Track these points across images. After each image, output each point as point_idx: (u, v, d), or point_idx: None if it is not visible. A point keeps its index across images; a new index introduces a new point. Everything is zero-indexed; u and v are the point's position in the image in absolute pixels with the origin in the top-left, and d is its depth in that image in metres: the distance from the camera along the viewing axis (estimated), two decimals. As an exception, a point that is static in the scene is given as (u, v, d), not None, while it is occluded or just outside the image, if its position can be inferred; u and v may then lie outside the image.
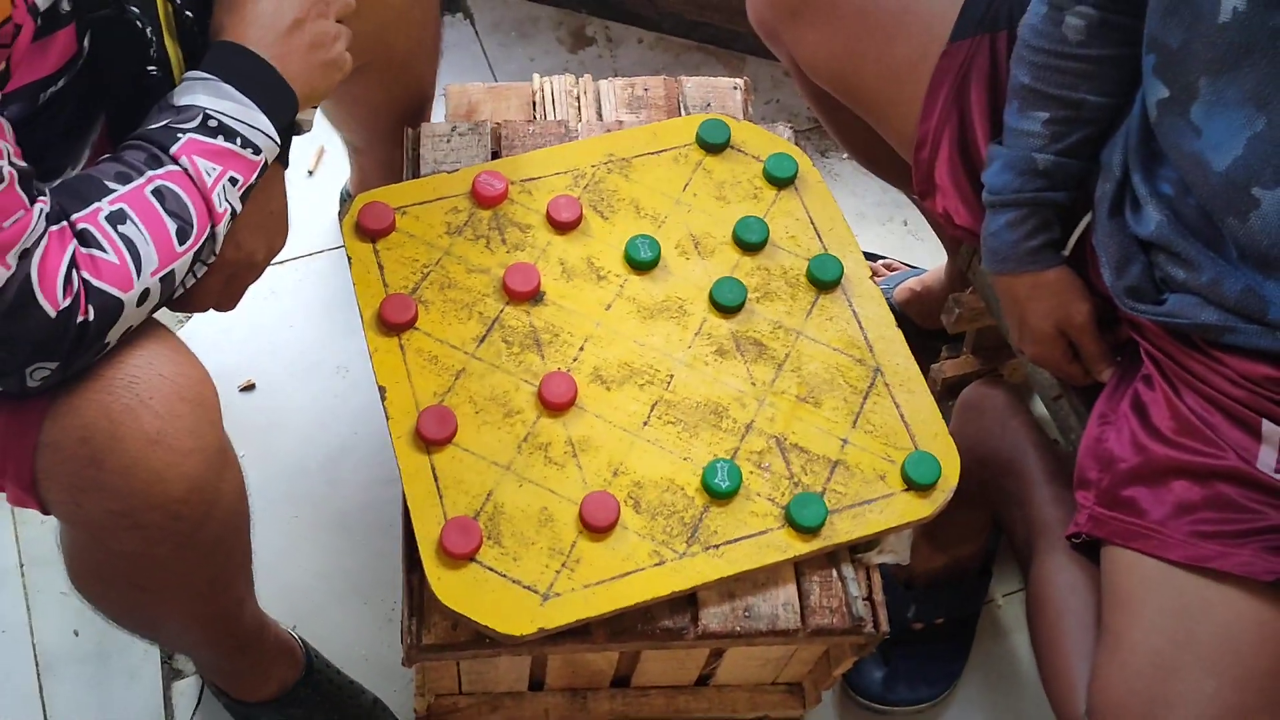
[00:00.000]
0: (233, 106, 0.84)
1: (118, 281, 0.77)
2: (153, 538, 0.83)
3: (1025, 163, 1.00)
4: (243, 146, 0.84)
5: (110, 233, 0.77)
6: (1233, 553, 0.89)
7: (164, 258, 0.79)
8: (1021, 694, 1.30)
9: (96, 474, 0.79)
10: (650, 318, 1.05)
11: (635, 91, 1.23)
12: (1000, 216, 1.02)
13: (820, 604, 0.96)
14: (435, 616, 0.94)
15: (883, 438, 1.01)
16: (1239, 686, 0.86)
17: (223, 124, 0.83)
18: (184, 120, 0.82)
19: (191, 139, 0.82)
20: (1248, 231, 0.89)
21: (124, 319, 0.78)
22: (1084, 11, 0.95)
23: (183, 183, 0.81)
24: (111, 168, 0.80)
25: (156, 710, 1.22)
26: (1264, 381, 0.92)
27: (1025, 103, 1.00)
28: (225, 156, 0.83)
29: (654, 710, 1.20)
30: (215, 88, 0.84)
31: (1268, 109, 0.84)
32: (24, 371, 0.75)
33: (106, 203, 0.78)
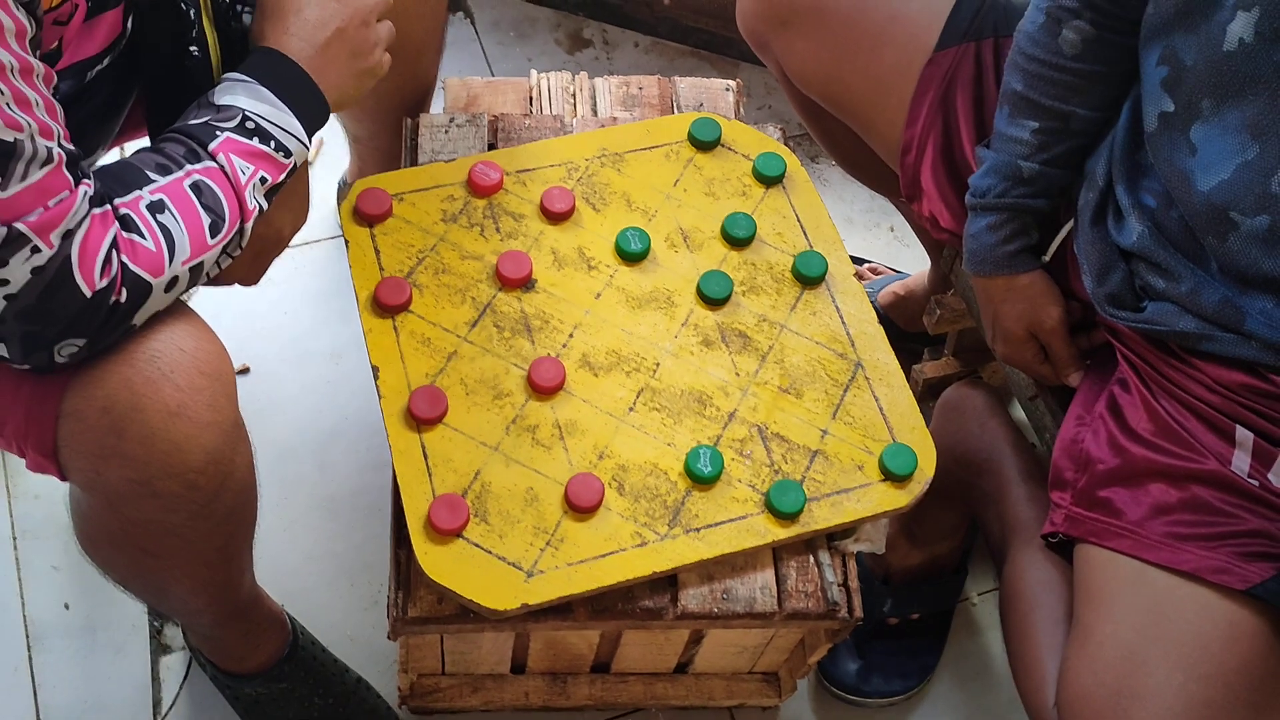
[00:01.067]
0: (269, 110, 0.87)
1: (151, 267, 0.80)
2: (169, 506, 0.85)
3: (1010, 169, 1.03)
4: (275, 149, 0.87)
5: (150, 220, 0.80)
6: (1208, 557, 0.91)
7: (196, 248, 0.82)
8: (993, 690, 1.32)
9: (117, 443, 0.81)
10: (639, 307, 1.07)
11: (630, 90, 1.26)
12: (981, 219, 1.05)
13: (797, 588, 0.99)
14: (421, 590, 0.96)
15: (861, 429, 1.03)
16: (1206, 682, 0.88)
17: (259, 126, 0.86)
18: (223, 119, 0.86)
19: (229, 138, 0.85)
20: (1225, 251, 0.91)
21: (151, 303, 0.81)
22: (1080, 27, 0.97)
23: (219, 179, 0.84)
24: (152, 159, 0.83)
25: (144, 683, 1.24)
26: (1239, 389, 0.95)
27: (1016, 110, 1.02)
28: (258, 157, 0.86)
29: (632, 696, 1.22)
30: (255, 91, 0.87)
31: (1262, 140, 0.86)
32: (53, 348, 0.78)
33: (148, 191, 0.81)
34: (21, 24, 0.69)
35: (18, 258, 0.72)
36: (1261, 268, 0.90)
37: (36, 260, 0.73)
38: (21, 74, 0.70)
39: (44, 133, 0.71)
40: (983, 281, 1.08)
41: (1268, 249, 0.89)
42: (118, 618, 1.27)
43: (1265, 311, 0.92)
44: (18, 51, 0.69)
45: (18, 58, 0.69)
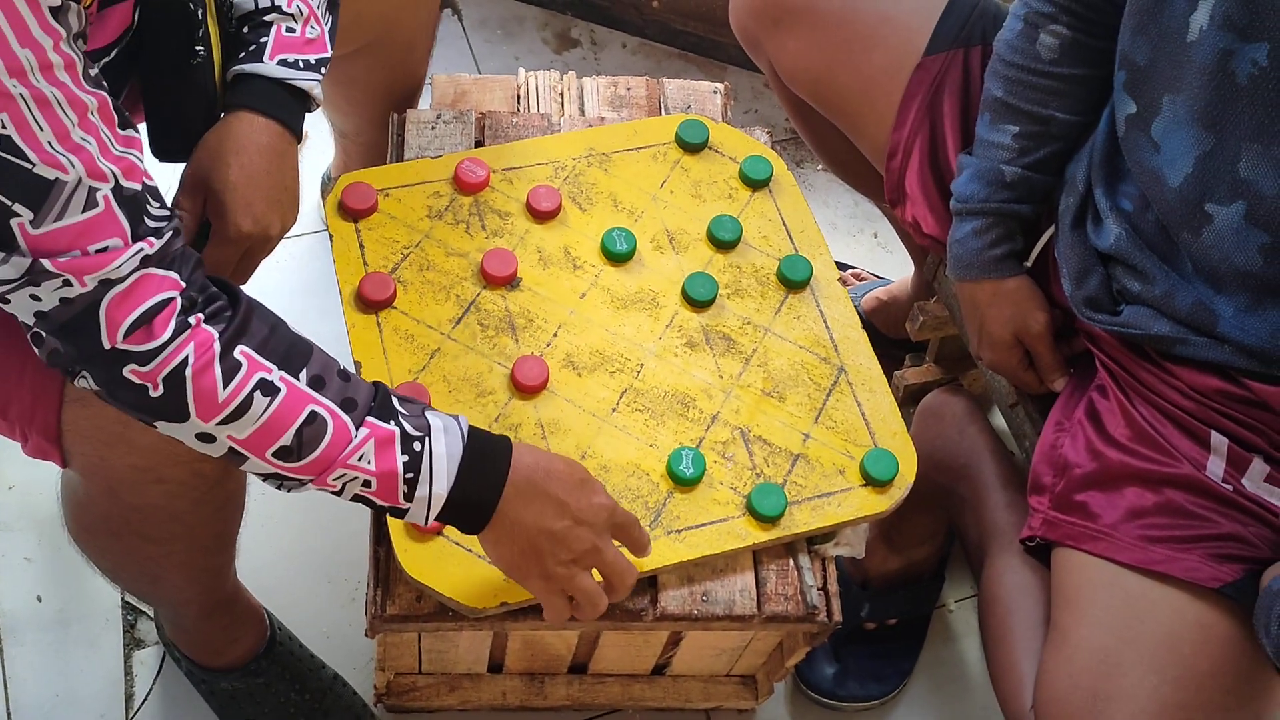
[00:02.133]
0: (441, 461, 0.79)
1: (202, 406, 0.73)
2: (173, 492, 0.85)
3: (993, 174, 1.03)
4: (405, 482, 0.79)
5: (247, 387, 0.74)
6: (1180, 558, 0.92)
7: (250, 443, 0.76)
8: (968, 696, 1.33)
9: (124, 430, 0.80)
10: (623, 308, 1.07)
11: (618, 90, 1.26)
12: (966, 224, 1.06)
13: (776, 591, 0.99)
14: (400, 588, 0.95)
15: (843, 434, 1.04)
16: (1179, 685, 0.89)
17: (418, 456, 0.79)
18: (408, 416, 0.80)
19: (389, 433, 0.78)
20: (1200, 246, 0.92)
21: (176, 430, 0.75)
22: (1057, 31, 0.99)
23: (335, 436, 0.77)
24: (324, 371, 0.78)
25: (117, 678, 1.23)
26: (1213, 394, 0.96)
27: (996, 115, 1.03)
28: (386, 472, 0.78)
29: (609, 697, 1.22)
30: (455, 445, 0.80)
31: (1216, 129, 0.88)
32: (72, 370, 0.74)
33: (279, 376, 0.76)
34: (71, 58, 0.66)
35: (48, 285, 0.68)
36: (1234, 262, 0.91)
37: (66, 292, 0.69)
38: (72, 108, 0.66)
39: (93, 175, 0.67)
40: (968, 287, 1.08)
41: (1240, 240, 0.90)
42: (91, 611, 1.26)
43: (1237, 315, 0.93)
44: (68, 85, 0.66)
45: (66, 92, 0.65)
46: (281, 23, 0.92)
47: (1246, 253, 0.90)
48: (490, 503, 0.81)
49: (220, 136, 0.90)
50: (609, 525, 0.86)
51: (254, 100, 0.91)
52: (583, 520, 0.84)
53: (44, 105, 0.64)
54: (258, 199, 0.89)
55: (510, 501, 0.82)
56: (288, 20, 0.92)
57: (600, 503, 0.85)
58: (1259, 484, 0.94)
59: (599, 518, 0.85)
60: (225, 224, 0.88)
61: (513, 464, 0.82)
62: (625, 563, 0.87)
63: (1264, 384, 0.94)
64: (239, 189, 0.88)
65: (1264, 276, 0.91)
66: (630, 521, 0.88)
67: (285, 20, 0.92)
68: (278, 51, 0.91)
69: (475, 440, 0.82)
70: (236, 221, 0.88)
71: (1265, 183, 0.87)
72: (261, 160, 0.90)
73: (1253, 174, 0.87)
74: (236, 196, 0.88)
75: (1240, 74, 0.85)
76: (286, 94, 0.92)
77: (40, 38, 0.63)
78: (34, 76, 0.63)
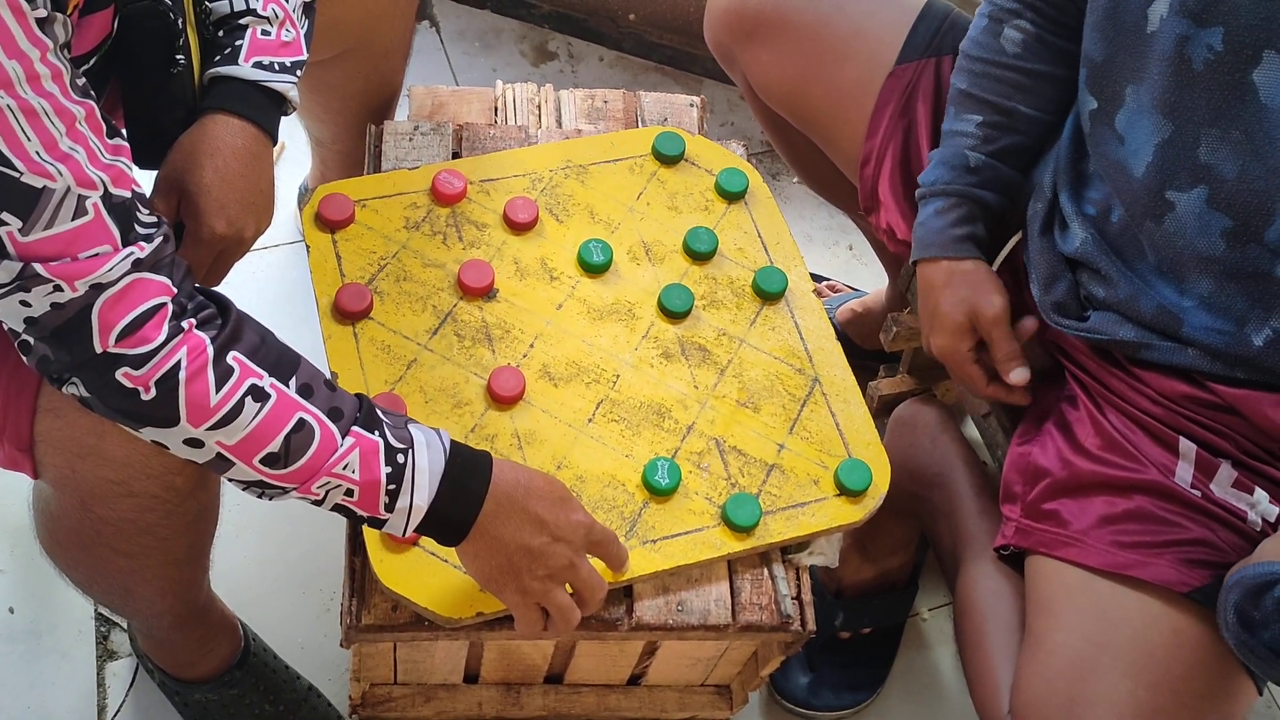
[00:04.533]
0: (424, 475, 0.80)
1: (193, 412, 0.73)
2: (145, 505, 0.85)
3: (957, 158, 1.04)
4: (387, 493, 0.80)
5: (239, 392, 0.75)
6: (1151, 563, 0.93)
7: (238, 449, 0.76)
8: (942, 704, 1.34)
9: (98, 442, 0.80)
10: (600, 319, 1.08)
11: (595, 103, 1.26)
12: (929, 205, 1.06)
13: (751, 601, 1.00)
14: (375, 598, 0.95)
15: (818, 444, 1.04)
16: (1153, 688, 0.90)
17: (401, 469, 0.80)
18: (392, 427, 0.81)
19: (375, 444, 0.79)
20: (1164, 235, 0.94)
21: (165, 435, 0.75)
22: (1022, 26, 1.01)
23: (321, 444, 0.77)
24: (311, 378, 0.79)
25: (89, 690, 1.22)
26: (1181, 399, 0.97)
27: (960, 107, 1.04)
28: (369, 482, 0.79)
29: (585, 708, 1.22)
30: (437, 459, 0.81)
31: (1174, 116, 0.89)
32: (62, 377, 0.74)
33: (270, 383, 0.76)
34: (58, 69, 0.66)
35: (39, 290, 0.69)
36: (1196, 248, 0.92)
37: (57, 297, 0.69)
38: (59, 118, 0.66)
39: (82, 183, 0.68)
40: (926, 268, 1.05)
41: (1202, 225, 0.91)
42: (63, 623, 1.25)
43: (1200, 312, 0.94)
44: (55, 95, 0.66)
45: (53, 102, 0.66)
46: (257, 25, 0.92)
47: (1209, 238, 0.91)
48: (469, 517, 0.82)
49: (195, 138, 0.90)
50: (586, 542, 0.87)
51: (229, 102, 0.91)
52: (560, 537, 0.85)
53: (31, 116, 0.65)
54: (232, 201, 0.89)
55: (489, 516, 0.82)
56: (263, 23, 0.92)
57: (578, 520, 0.86)
58: (1226, 489, 0.95)
59: (577, 535, 0.86)
60: (199, 226, 0.88)
61: (493, 480, 0.83)
62: (598, 579, 0.88)
63: (1229, 387, 0.95)
64: (213, 191, 0.88)
65: (1226, 261, 0.92)
66: (608, 538, 0.89)
67: (260, 23, 0.92)
68: (253, 54, 0.91)
69: (457, 455, 0.82)
70: (210, 223, 0.88)
71: (1224, 166, 0.88)
72: (236, 162, 0.90)
73: (1212, 158, 0.89)
74: (210, 199, 0.88)
75: (1196, 59, 0.86)
76: (262, 96, 0.92)
77: (27, 49, 0.64)
78: (21, 88, 0.64)
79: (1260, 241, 0.90)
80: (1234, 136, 0.87)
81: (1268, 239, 0.90)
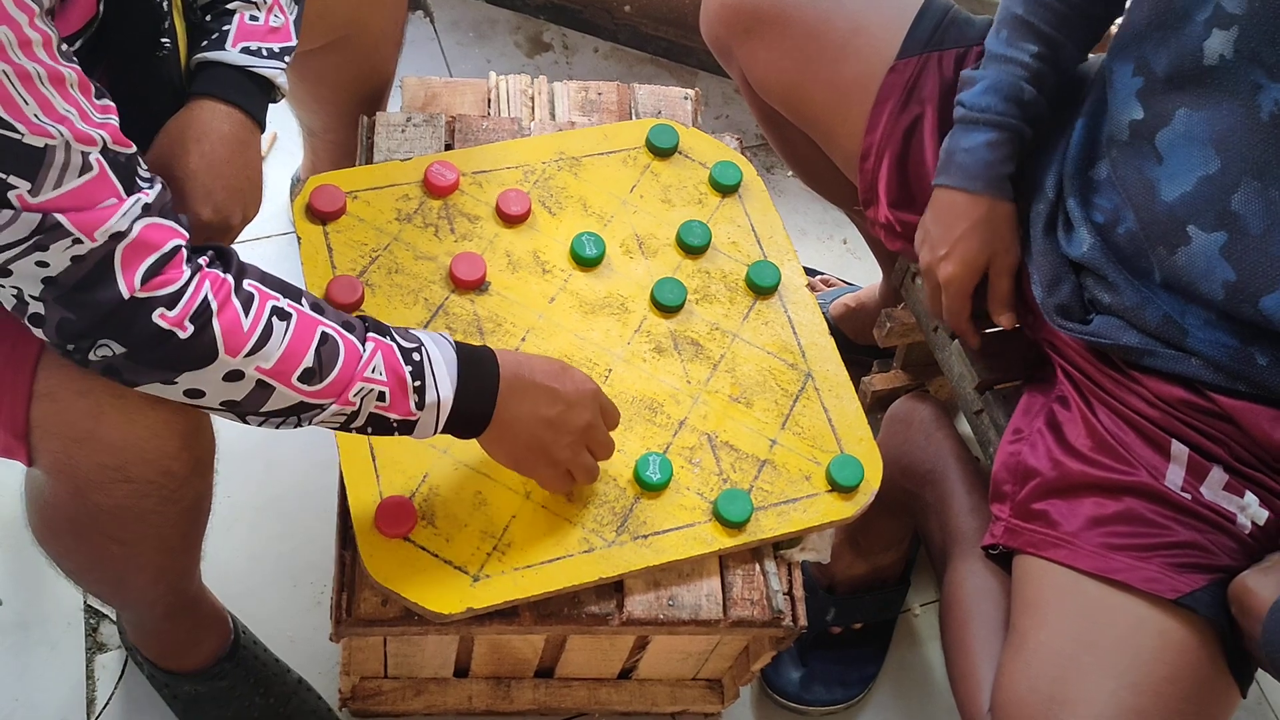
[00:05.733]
0: (442, 366, 0.84)
1: (230, 340, 0.76)
2: (141, 491, 0.84)
3: (1013, 89, 1.01)
4: (414, 390, 0.83)
5: (265, 313, 0.77)
6: (1140, 567, 0.93)
7: (279, 370, 0.78)
8: (932, 700, 1.34)
9: (94, 426, 0.80)
10: (592, 313, 1.07)
11: (589, 95, 1.26)
12: (980, 134, 1.03)
13: (742, 596, 0.99)
14: (366, 592, 0.95)
15: (810, 440, 1.04)
16: (1136, 690, 0.90)
17: (421, 365, 0.84)
18: (402, 335, 0.85)
19: (391, 346, 0.83)
20: (1172, 264, 0.93)
21: (205, 376, 0.76)
22: None
23: (348, 351, 0.81)
24: (314, 299, 0.82)
25: (78, 682, 1.21)
26: (1177, 404, 0.97)
27: (1015, 33, 1.02)
28: (397, 379, 0.83)
29: (576, 701, 1.22)
30: (445, 349, 0.85)
31: (1224, 155, 0.89)
32: (89, 342, 0.74)
33: (287, 303, 0.79)
34: (46, 34, 0.67)
35: (58, 245, 0.70)
36: (1198, 288, 0.92)
37: (77, 250, 0.70)
38: (51, 82, 0.67)
39: (80, 139, 0.69)
40: (961, 198, 1.04)
41: (1208, 269, 0.91)
42: (52, 614, 1.25)
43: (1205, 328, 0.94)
44: (45, 60, 0.67)
45: (45, 66, 0.67)
46: (245, 11, 0.92)
47: (1210, 283, 0.92)
48: (489, 403, 0.87)
49: (181, 124, 0.89)
50: (597, 399, 0.92)
51: (216, 88, 0.90)
52: (574, 402, 0.90)
53: (26, 80, 0.66)
54: (218, 187, 0.89)
55: (505, 399, 0.87)
56: (251, 8, 0.92)
57: (585, 381, 0.91)
58: (1217, 492, 0.95)
59: (586, 395, 0.91)
60: (185, 212, 0.88)
61: (500, 364, 0.87)
62: (609, 436, 0.94)
63: (1228, 397, 0.95)
64: (199, 176, 0.88)
65: (1222, 309, 0.92)
66: (608, 400, 0.94)
67: (248, 8, 0.92)
68: (240, 39, 0.91)
69: (462, 349, 0.87)
70: (196, 210, 0.88)
71: (1252, 221, 0.88)
72: (223, 148, 0.90)
73: (1244, 209, 0.88)
74: (196, 184, 0.88)
75: (1264, 110, 0.86)
76: (250, 82, 0.92)
77: (15, 14, 0.65)
78: (13, 52, 0.65)
79: (1255, 305, 0.90)
80: (1272, 195, 0.87)
81: (1262, 305, 0.90)
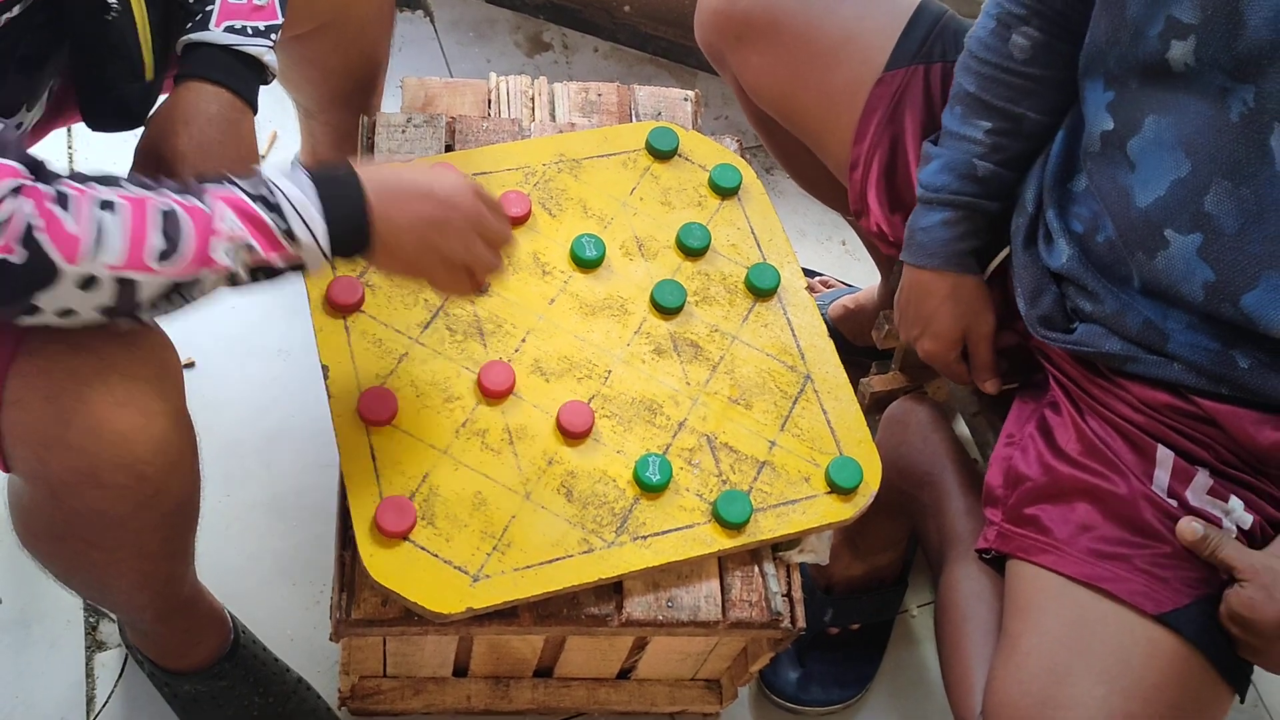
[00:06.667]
0: (299, 197, 0.80)
1: (64, 248, 0.72)
2: (115, 497, 0.84)
3: (965, 167, 1.04)
4: (277, 225, 0.79)
5: (88, 210, 0.73)
6: (1126, 578, 0.93)
7: (130, 259, 0.74)
8: (929, 701, 1.34)
9: (63, 432, 0.79)
10: (592, 314, 1.08)
11: (589, 96, 1.26)
12: (935, 214, 1.06)
13: (741, 598, 1.00)
14: (365, 592, 0.95)
15: (809, 442, 1.04)
16: (1126, 695, 0.90)
17: (279, 204, 0.79)
18: (243, 179, 0.80)
19: (232, 193, 0.79)
20: (1152, 269, 0.94)
21: (60, 292, 0.73)
22: (1028, 32, 1.00)
23: (195, 216, 0.77)
24: (139, 178, 0.77)
25: (78, 680, 1.22)
26: (1162, 408, 0.97)
27: (969, 110, 1.03)
28: (253, 221, 0.78)
29: (574, 701, 1.22)
30: (298, 179, 0.81)
31: (1194, 157, 0.89)
32: None
33: (109, 192, 0.75)
34: None
35: None
36: (1179, 290, 0.93)
37: None
38: None
39: None
40: (926, 276, 1.08)
41: (1187, 271, 0.92)
42: (52, 612, 1.25)
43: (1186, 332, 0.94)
44: None
45: None
46: None
47: (1190, 285, 0.92)
48: (362, 217, 0.82)
49: (169, 106, 0.88)
50: (474, 189, 0.88)
51: (202, 69, 0.89)
52: (450, 195, 0.86)
53: None
54: (210, 169, 0.88)
55: (379, 208, 0.82)
56: None
57: (457, 174, 0.87)
58: (1202, 497, 0.95)
59: (462, 186, 0.87)
60: None
61: (360, 174, 0.82)
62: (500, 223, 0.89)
63: (1212, 401, 0.95)
64: (189, 158, 0.87)
65: (1202, 311, 0.93)
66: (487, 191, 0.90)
67: None
68: (224, 18, 0.90)
69: (314, 171, 0.82)
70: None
71: (1226, 220, 0.89)
72: (213, 129, 0.89)
73: (1216, 209, 0.89)
74: (187, 166, 0.87)
75: (1234, 110, 0.86)
76: (237, 62, 0.91)
77: None
78: None
79: (1235, 304, 0.90)
80: (1243, 194, 0.87)
81: (1243, 303, 0.90)
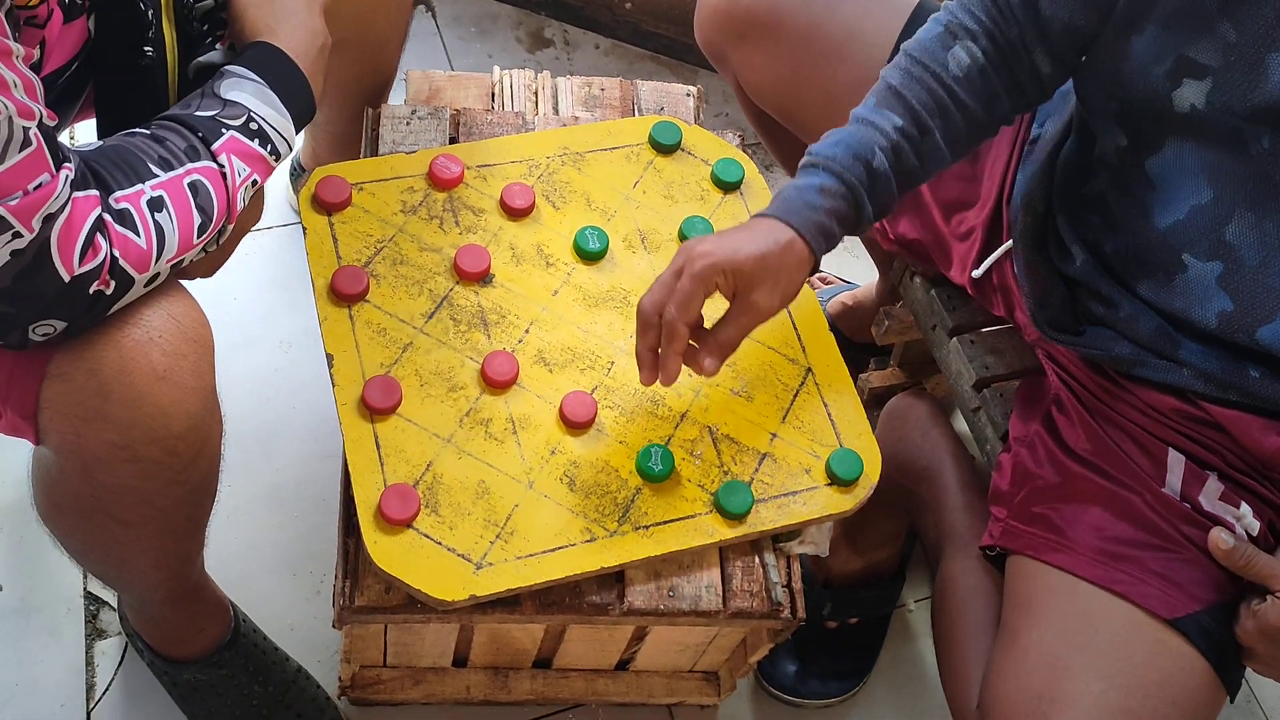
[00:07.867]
0: (272, 114, 0.89)
1: (139, 264, 0.80)
2: (147, 471, 0.85)
3: (865, 150, 0.93)
4: (270, 153, 0.89)
5: (148, 219, 0.81)
6: (1140, 582, 0.93)
7: (182, 247, 0.83)
8: (926, 695, 1.35)
9: (102, 405, 0.81)
10: (595, 306, 1.08)
11: (592, 90, 1.27)
12: (815, 177, 0.94)
13: (741, 588, 1.00)
14: (369, 580, 0.96)
15: (810, 434, 1.05)
16: (1126, 692, 0.90)
17: (261, 129, 0.88)
18: (230, 117, 0.87)
19: (234, 138, 0.86)
20: (1168, 290, 0.94)
21: (131, 295, 0.82)
22: (973, 50, 0.95)
23: (215, 181, 0.85)
24: (154, 149, 0.83)
25: (78, 668, 1.22)
26: (1170, 413, 0.98)
27: (883, 101, 0.96)
28: (255, 160, 0.88)
29: (573, 692, 1.23)
30: (263, 93, 0.89)
31: (1216, 186, 0.89)
32: (28, 328, 0.78)
33: (149, 187, 0.81)
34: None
35: None
36: (1191, 315, 0.93)
37: (16, 244, 0.72)
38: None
39: (23, 114, 0.70)
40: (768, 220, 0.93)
41: (1204, 298, 0.92)
42: (52, 600, 1.25)
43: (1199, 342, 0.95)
44: None
45: None
46: None
47: (1205, 311, 0.92)
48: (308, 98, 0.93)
49: None
50: None
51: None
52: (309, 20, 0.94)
53: None
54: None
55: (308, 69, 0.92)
56: None
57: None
58: (1214, 502, 0.96)
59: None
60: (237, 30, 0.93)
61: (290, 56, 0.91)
62: None
63: (1220, 407, 0.96)
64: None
65: (1215, 337, 0.93)
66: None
67: None
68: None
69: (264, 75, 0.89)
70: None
71: (1248, 253, 0.89)
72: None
73: (1238, 240, 0.89)
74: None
75: (1253, 147, 0.86)
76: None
77: None
78: None
79: (1251, 335, 0.91)
80: (1266, 228, 0.88)
81: (1259, 336, 0.90)
